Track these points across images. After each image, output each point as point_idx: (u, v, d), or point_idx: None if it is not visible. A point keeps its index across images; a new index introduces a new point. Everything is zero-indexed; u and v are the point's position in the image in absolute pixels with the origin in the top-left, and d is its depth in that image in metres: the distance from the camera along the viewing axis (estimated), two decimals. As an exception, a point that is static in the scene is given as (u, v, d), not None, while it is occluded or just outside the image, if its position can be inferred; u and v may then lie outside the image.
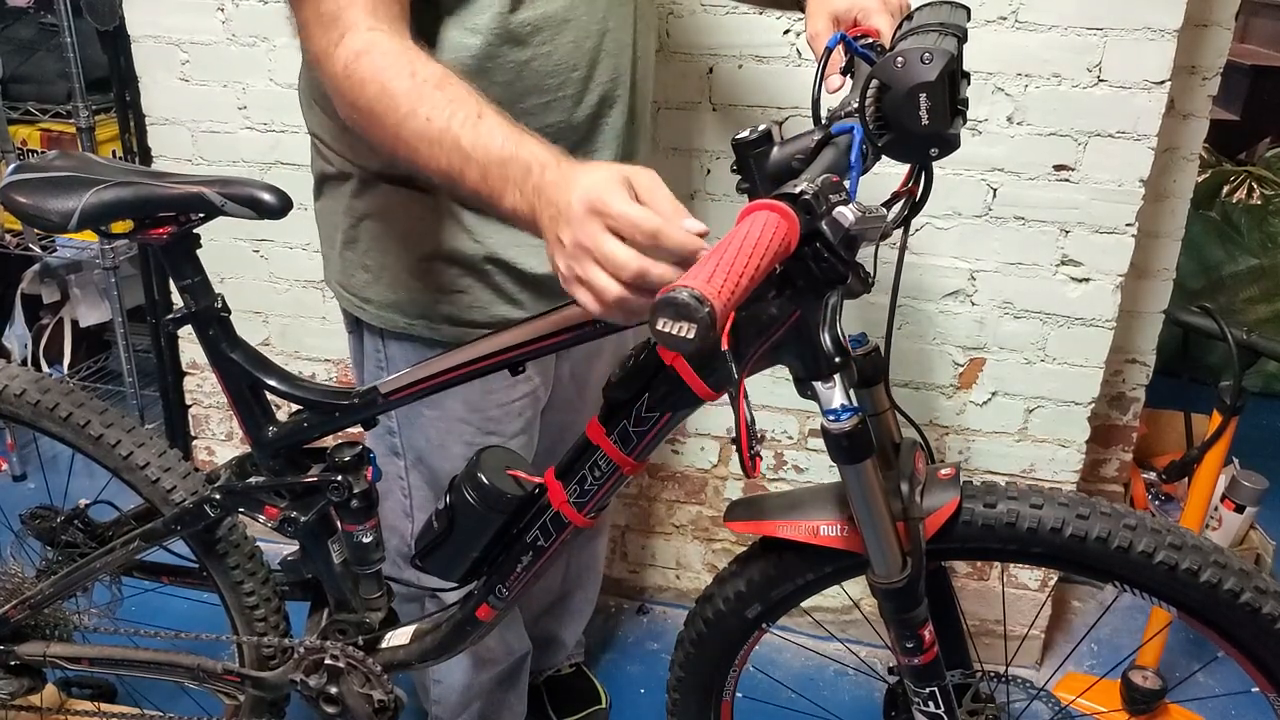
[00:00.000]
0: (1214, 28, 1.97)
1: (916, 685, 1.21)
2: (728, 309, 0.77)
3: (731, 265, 0.78)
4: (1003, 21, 1.74)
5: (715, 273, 0.77)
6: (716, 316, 0.76)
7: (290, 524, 1.38)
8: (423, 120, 1.02)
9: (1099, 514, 1.13)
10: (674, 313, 0.76)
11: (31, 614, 1.58)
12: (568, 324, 1.16)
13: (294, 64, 1.35)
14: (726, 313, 0.77)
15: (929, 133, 0.95)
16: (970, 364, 1.99)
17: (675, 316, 0.76)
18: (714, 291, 0.76)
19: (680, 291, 0.76)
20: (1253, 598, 1.09)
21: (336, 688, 1.47)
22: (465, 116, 1.01)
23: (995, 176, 1.84)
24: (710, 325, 0.75)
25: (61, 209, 1.22)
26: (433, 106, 1.02)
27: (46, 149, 2.59)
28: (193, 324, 1.34)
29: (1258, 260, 3.32)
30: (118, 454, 1.47)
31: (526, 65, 1.26)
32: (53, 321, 3.07)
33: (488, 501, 1.24)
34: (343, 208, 1.39)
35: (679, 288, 0.76)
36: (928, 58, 0.93)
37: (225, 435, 2.53)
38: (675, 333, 0.76)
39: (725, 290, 0.77)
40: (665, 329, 0.76)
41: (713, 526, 2.28)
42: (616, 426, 1.17)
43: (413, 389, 1.28)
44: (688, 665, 1.37)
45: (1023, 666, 2.17)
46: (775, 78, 1.87)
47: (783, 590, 1.27)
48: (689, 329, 0.75)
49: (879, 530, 1.10)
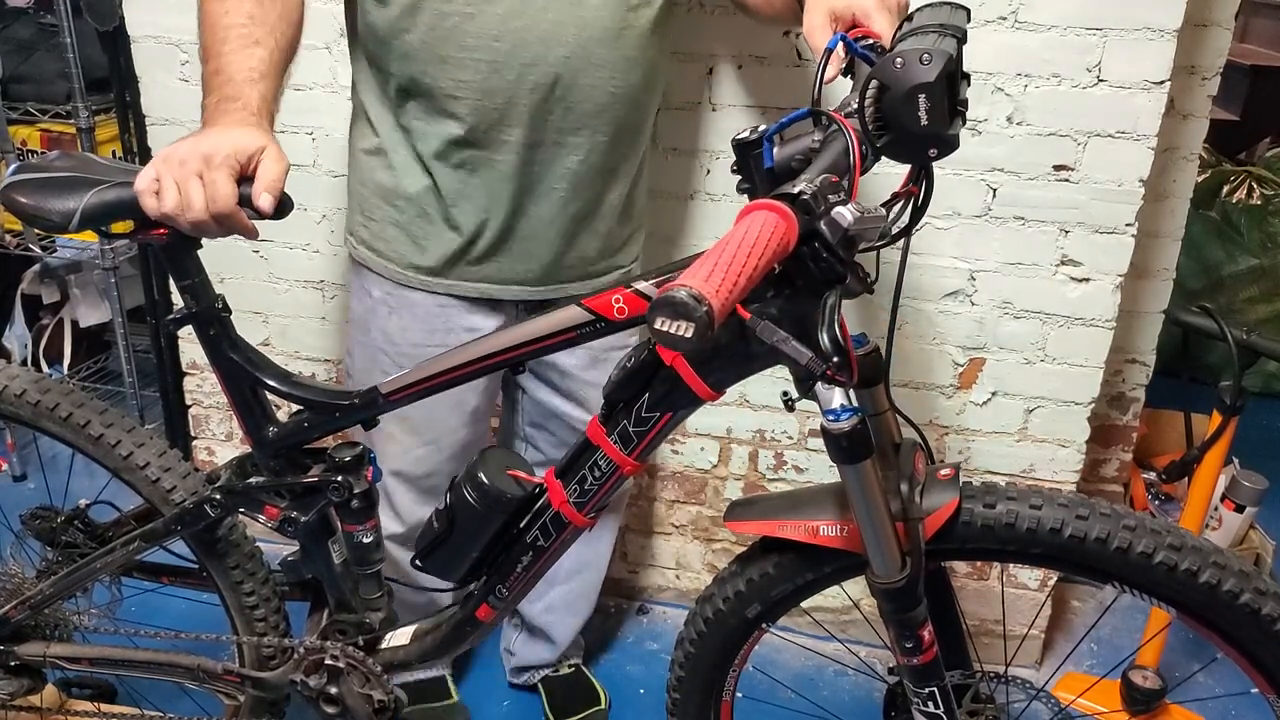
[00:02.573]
0: (1214, 28, 1.98)
1: (916, 685, 1.21)
2: (726, 308, 0.78)
3: (730, 265, 0.79)
4: (1003, 21, 1.74)
5: (714, 272, 0.78)
6: (714, 316, 0.76)
7: (290, 524, 1.39)
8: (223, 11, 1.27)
9: (1098, 515, 1.13)
10: (672, 311, 0.76)
11: (32, 614, 1.58)
12: (567, 325, 1.17)
13: (295, 64, 1.36)
14: (724, 312, 0.78)
15: (928, 133, 0.95)
16: (970, 364, 1.99)
17: (674, 315, 0.76)
18: (712, 291, 0.77)
19: (679, 291, 0.76)
20: (1252, 599, 1.09)
21: (336, 688, 1.47)
22: (247, 35, 1.26)
23: (995, 176, 1.84)
24: (708, 324, 0.76)
25: (63, 209, 1.22)
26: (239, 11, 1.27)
27: (46, 149, 2.59)
28: (193, 324, 1.34)
29: (1258, 260, 3.32)
30: (118, 454, 1.46)
31: (449, 16, 1.40)
32: (53, 322, 3.06)
33: (488, 501, 1.24)
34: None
35: (678, 287, 0.76)
36: (926, 58, 0.93)
37: (225, 436, 2.53)
38: (674, 331, 0.76)
39: (723, 290, 0.77)
40: (664, 327, 0.77)
41: (713, 526, 2.28)
42: (616, 427, 1.17)
43: (413, 388, 1.28)
44: (688, 665, 1.37)
45: (1022, 667, 2.17)
46: (775, 78, 1.87)
47: (782, 590, 1.27)
48: (687, 328, 0.76)
49: (878, 530, 1.10)
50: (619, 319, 1.13)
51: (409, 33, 1.43)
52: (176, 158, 1.16)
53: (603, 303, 1.13)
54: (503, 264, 1.57)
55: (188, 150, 1.16)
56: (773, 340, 0.93)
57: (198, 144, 1.16)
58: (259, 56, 1.26)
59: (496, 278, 1.58)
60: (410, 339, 1.62)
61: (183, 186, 1.15)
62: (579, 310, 1.15)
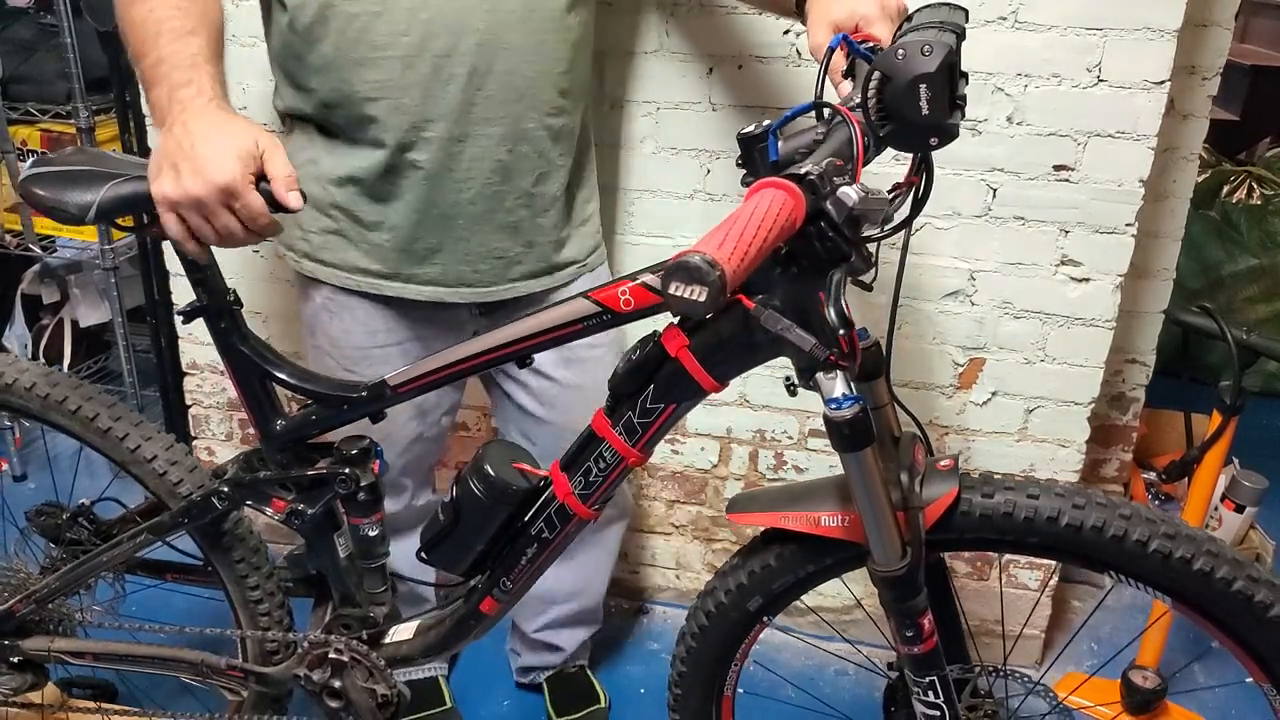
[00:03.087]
0: (1214, 28, 1.98)
1: (916, 674, 1.21)
2: (738, 275, 0.79)
3: (741, 234, 0.81)
4: (1003, 21, 1.75)
5: (726, 240, 0.80)
6: (727, 281, 0.77)
7: (297, 516, 1.40)
8: (148, 10, 1.23)
9: (1094, 504, 1.14)
10: (686, 276, 0.78)
11: (36, 609, 1.59)
12: (573, 317, 1.18)
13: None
14: (737, 279, 0.79)
15: (929, 123, 0.97)
16: (970, 364, 2.00)
17: (688, 280, 0.78)
18: (725, 256, 0.78)
19: (693, 256, 0.78)
20: (1245, 586, 1.10)
21: (340, 682, 1.47)
22: (180, 26, 1.22)
23: (995, 176, 1.85)
24: (721, 289, 0.77)
25: (80, 201, 1.24)
26: (164, 6, 1.23)
27: (47, 149, 2.60)
28: (204, 316, 1.35)
29: (1258, 260, 3.33)
30: (125, 447, 1.47)
31: (357, 18, 1.41)
32: (53, 322, 3.07)
33: (493, 494, 1.25)
34: None
35: (691, 253, 0.78)
36: (928, 50, 0.95)
37: (225, 435, 2.53)
38: (688, 295, 0.78)
39: (735, 256, 0.79)
40: (678, 292, 0.78)
41: (713, 526, 2.29)
42: (621, 418, 1.18)
43: (422, 380, 1.29)
44: (689, 660, 1.38)
45: (1022, 666, 2.18)
46: (775, 78, 1.88)
47: (784, 582, 1.28)
48: (700, 292, 0.78)
49: (879, 518, 1.11)
50: (625, 311, 1.14)
51: (321, 43, 1.43)
52: (190, 199, 1.14)
53: (609, 295, 1.14)
54: (448, 265, 1.57)
55: (197, 186, 1.13)
56: (776, 329, 0.94)
57: (201, 170, 1.13)
58: (197, 44, 1.22)
59: (443, 280, 1.58)
60: (353, 342, 1.64)
61: (217, 223, 1.16)
62: (586, 303, 1.16)
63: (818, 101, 1.01)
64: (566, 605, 1.99)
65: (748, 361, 1.11)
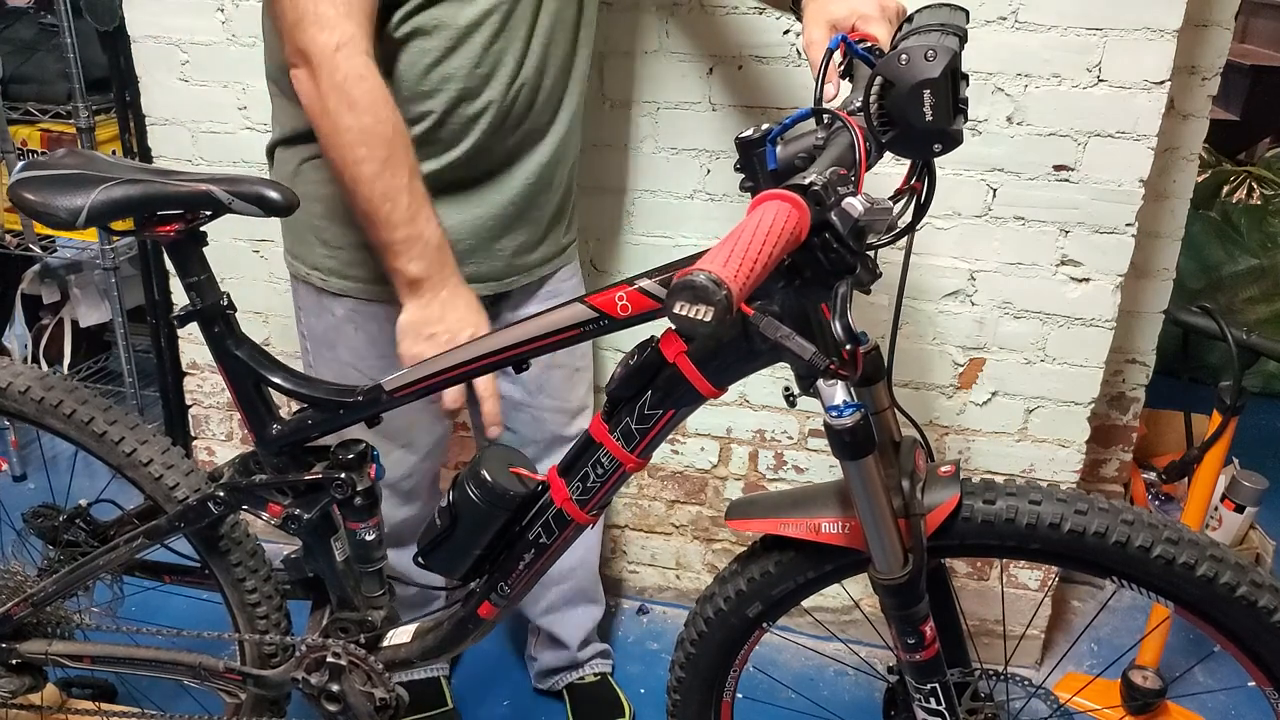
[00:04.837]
0: (1214, 28, 1.98)
1: (918, 681, 1.21)
2: (743, 293, 0.78)
3: (746, 251, 0.79)
4: (1003, 22, 1.74)
5: (731, 257, 0.78)
6: (734, 300, 0.76)
7: (293, 521, 1.39)
8: (388, 174, 1.32)
9: (1097, 510, 1.13)
10: (692, 295, 0.76)
11: (33, 612, 1.58)
12: (570, 323, 1.17)
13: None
14: (742, 296, 0.78)
15: (933, 129, 0.96)
16: (970, 364, 2.00)
17: (693, 299, 0.76)
18: (730, 275, 0.77)
19: (698, 275, 0.76)
20: (1249, 591, 1.10)
21: (338, 686, 1.47)
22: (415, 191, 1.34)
23: (995, 176, 1.84)
24: (727, 308, 0.76)
25: (70, 206, 1.22)
26: (399, 166, 1.32)
27: (47, 149, 2.60)
28: (198, 320, 1.34)
29: (1258, 260, 3.33)
30: (121, 451, 1.47)
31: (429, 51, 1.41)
32: (53, 322, 3.07)
33: (491, 499, 1.25)
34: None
35: (696, 271, 0.76)
36: (931, 55, 0.94)
37: (225, 436, 2.53)
38: (693, 315, 0.76)
39: (741, 274, 0.78)
40: (683, 312, 0.77)
41: (713, 526, 2.28)
42: (619, 424, 1.17)
43: (417, 385, 1.29)
44: (688, 665, 1.38)
45: (1022, 666, 2.18)
46: (775, 78, 1.87)
47: (783, 589, 1.27)
48: (706, 311, 0.76)
49: (881, 526, 1.11)
50: (622, 316, 1.13)
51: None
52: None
53: (606, 300, 1.13)
54: (479, 265, 1.56)
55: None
56: (776, 336, 0.93)
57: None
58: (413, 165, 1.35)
59: (471, 279, 1.56)
60: (379, 350, 1.60)
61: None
62: (583, 308, 1.15)
63: (818, 108, 1.00)
64: (563, 585, 1.99)
65: (746, 368, 1.10)
